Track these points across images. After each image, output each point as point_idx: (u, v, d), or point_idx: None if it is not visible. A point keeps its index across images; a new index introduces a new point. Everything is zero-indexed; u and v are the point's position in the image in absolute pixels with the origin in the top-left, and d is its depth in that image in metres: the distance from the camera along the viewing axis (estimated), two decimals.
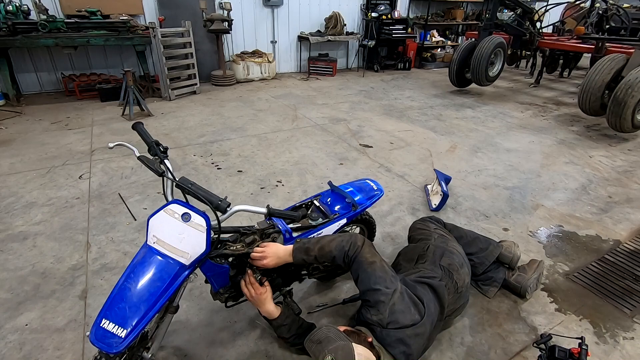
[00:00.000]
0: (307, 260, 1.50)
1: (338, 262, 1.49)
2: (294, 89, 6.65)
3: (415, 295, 1.49)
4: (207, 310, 2.01)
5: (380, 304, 1.39)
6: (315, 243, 1.52)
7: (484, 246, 2.11)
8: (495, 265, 2.15)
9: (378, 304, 1.39)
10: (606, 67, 4.56)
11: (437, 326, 1.56)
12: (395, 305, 1.39)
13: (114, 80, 5.80)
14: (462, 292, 1.76)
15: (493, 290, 2.12)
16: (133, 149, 1.55)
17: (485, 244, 2.13)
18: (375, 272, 1.43)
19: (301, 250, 1.51)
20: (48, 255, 2.38)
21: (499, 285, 2.13)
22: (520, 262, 2.25)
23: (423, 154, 4.07)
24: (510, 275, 2.14)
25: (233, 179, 3.42)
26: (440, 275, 1.69)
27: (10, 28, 4.78)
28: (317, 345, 1.27)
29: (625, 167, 3.89)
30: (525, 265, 2.20)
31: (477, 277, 2.11)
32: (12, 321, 1.91)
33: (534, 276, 2.13)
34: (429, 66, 8.97)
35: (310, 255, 1.50)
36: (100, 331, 1.17)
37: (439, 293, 1.58)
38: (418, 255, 1.87)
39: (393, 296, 1.40)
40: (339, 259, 1.48)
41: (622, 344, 1.90)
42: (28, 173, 3.40)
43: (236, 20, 6.75)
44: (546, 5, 7.12)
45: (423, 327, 1.42)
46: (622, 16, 6.77)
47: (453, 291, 1.70)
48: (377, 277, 1.42)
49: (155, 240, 1.30)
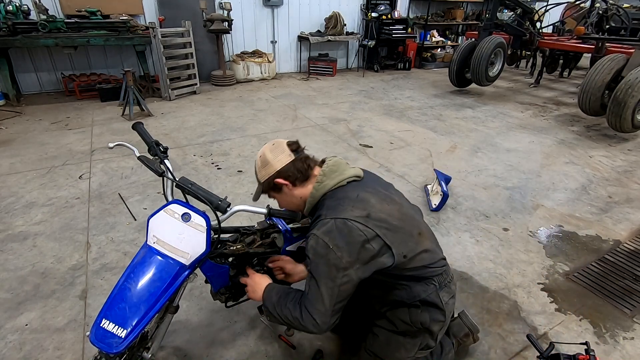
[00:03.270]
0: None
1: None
2: (294, 89, 6.65)
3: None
4: (207, 310, 2.01)
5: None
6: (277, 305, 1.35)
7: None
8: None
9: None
10: (606, 67, 4.56)
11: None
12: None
13: (114, 80, 5.80)
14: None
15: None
16: (133, 149, 1.55)
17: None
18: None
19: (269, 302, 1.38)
20: (48, 255, 2.38)
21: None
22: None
23: (423, 154, 4.07)
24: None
25: (233, 179, 3.41)
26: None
27: (10, 28, 4.78)
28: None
29: (625, 167, 3.89)
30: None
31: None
32: (12, 321, 1.91)
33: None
34: (429, 66, 8.96)
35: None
36: (100, 331, 1.17)
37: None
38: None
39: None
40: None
41: (622, 344, 1.90)
42: (28, 173, 3.40)
43: (236, 20, 6.75)
44: (546, 5, 7.13)
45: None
46: (622, 16, 6.77)
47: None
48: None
49: (155, 240, 1.30)
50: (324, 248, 1.20)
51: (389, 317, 1.43)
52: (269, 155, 1.35)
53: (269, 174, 1.34)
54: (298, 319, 1.25)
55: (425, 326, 1.37)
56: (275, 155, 1.34)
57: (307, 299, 1.26)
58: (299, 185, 1.37)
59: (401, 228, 1.30)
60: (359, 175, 1.41)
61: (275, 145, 1.37)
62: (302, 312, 1.25)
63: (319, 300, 1.22)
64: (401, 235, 1.30)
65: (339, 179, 1.35)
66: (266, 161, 1.35)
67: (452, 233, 2.74)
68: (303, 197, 1.38)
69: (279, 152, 1.35)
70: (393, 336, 1.44)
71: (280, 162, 1.33)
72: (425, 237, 1.40)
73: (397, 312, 1.41)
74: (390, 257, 1.26)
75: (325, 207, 1.31)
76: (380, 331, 1.47)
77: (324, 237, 1.21)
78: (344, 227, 1.21)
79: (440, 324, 1.40)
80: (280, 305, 1.32)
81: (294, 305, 1.29)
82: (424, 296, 1.36)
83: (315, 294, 1.23)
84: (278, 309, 1.32)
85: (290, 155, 1.35)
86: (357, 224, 1.22)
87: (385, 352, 1.46)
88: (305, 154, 1.41)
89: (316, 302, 1.23)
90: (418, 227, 1.39)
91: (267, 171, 1.35)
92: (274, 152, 1.35)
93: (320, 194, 1.35)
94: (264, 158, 1.36)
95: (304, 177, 1.36)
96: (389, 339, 1.45)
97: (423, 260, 1.35)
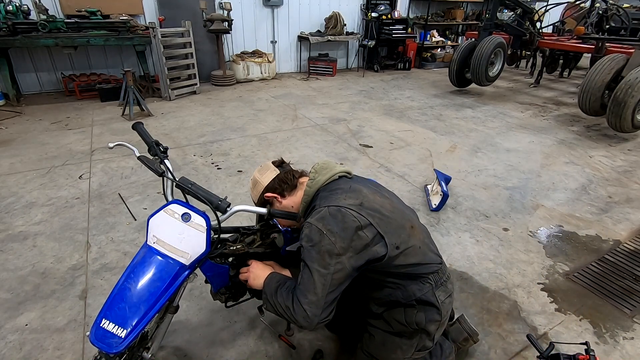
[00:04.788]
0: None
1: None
2: (294, 89, 6.65)
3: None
4: (207, 310, 2.01)
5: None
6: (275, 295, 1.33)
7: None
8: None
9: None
10: (606, 67, 4.56)
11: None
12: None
13: (114, 80, 5.80)
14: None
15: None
16: (133, 149, 1.55)
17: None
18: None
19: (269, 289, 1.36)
20: (48, 255, 2.38)
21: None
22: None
23: (423, 154, 4.07)
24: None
25: (233, 179, 3.41)
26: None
27: (10, 28, 4.78)
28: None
29: (625, 167, 3.89)
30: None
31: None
32: (12, 321, 1.91)
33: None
34: (429, 66, 8.96)
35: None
36: (100, 331, 1.17)
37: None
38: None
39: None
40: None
41: (622, 344, 1.90)
42: (28, 173, 3.40)
43: (236, 20, 6.75)
44: (546, 5, 7.13)
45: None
46: (622, 16, 6.77)
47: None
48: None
49: (155, 240, 1.30)
50: (318, 234, 1.20)
51: (385, 318, 1.43)
52: (257, 175, 1.46)
53: (259, 192, 1.44)
54: (290, 308, 1.25)
55: (421, 327, 1.37)
56: (262, 174, 1.45)
57: (299, 289, 1.25)
58: (288, 195, 1.45)
59: (393, 219, 1.31)
60: (349, 172, 1.48)
61: (262, 166, 1.48)
62: (293, 301, 1.25)
63: (311, 290, 1.21)
64: (394, 226, 1.30)
65: (331, 174, 1.41)
66: (255, 181, 1.46)
67: (452, 233, 2.74)
68: (295, 205, 1.44)
69: (265, 170, 1.46)
70: (389, 337, 1.44)
71: (266, 178, 1.43)
72: (417, 231, 1.40)
73: (392, 313, 1.41)
74: (383, 246, 1.26)
75: (319, 198, 1.35)
76: (376, 332, 1.46)
77: (317, 224, 1.22)
78: (338, 213, 1.22)
79: (436, 324, 1.40)
80: (276, 293, 1.32)
81: (287, 294, 1.29)
82: (420, 295, 1.36)
83: (307, 282, 1.22)
84: (274, 297, 1.31)
85: (274, 170, 1.45)
86: (351, 211, 1.23)
87: (381, 353, 1.46)
88: (290, 167, 1.50)
89: (308, 291, 1.22)
90: (410, 221, 1.40)
91: (257, 190, 1.45)
92: (261, 172, 1.46)
93: (314, 190, 1.39)
94: (253, 180, 1.47)
95: (291, 186, 1.44)
96: (385, 339, 1.45)
97: (416, 255, 1.34)
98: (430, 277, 1.38)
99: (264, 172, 1.45)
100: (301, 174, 1.50)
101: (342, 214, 1.22)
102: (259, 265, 1.48)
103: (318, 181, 1.39)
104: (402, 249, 1.30)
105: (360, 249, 1.23)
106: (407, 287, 1.36)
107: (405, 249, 1.31)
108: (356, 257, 1.23)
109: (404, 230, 1.33)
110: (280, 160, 1.51)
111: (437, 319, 1.38)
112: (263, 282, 1.39)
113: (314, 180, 1.40)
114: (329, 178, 1.39)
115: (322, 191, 1.37)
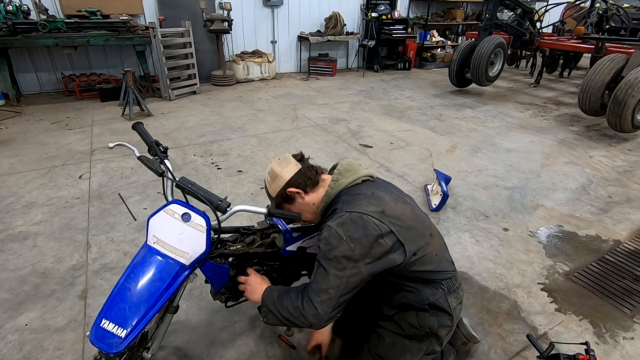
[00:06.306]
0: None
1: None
2: (294, 89, 6.65)
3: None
4: (207, 310, 2.01)
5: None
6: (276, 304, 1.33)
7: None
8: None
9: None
10: (606, 67, 4.56)
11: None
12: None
13: (114, 80, 5.80)
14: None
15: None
16: (133, 149, 1.54)
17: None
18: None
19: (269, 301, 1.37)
20: (48, 255, 2.38)
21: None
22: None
23: (423, 154, 4.07)
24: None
25: (233, 179, 3.41)
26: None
27: (10, 28, 4.78)
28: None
29: (625, 167, 3.89)
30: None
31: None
32: (12, 321, 1.91)
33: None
34: (429, 66, 8.96)
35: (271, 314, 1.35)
36: (100, 331, 1.17)
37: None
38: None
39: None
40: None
41: (622, 344, 1.90)
42: (28, 173, 3.40)
43: (236, 20, 6.75)
44: (546, 5, 7.12)
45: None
46: (622, 16, 6.77)
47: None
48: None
49: (155, 240, 1.30)
50: (337, 239, 1.20)
51: (396, 320, 1.42)
52: (277, 168, 1.38)
53: (279, 186, 1.37)
54: (299, 308, 1.25)
55: (433, 331, 1.37)
56: (282, 168, 1.38)
57: (311, 288, 1.25)
58: (310, 192, 1.40)
59: (414, 227, 1.31)
60: (372, 176, 1.44)
61: (282, 159, 1.41)
62: (304, 300, 1.25)
63: (325, 290, 1.21)
64: (414, 234, 1.30)
65: (355, 177, 1.38)
66: (275, 175, 1.38)
67: (452, 233, 2.74)
68: (316, 202, 1.40)
69: (286, 164, 1.39)
70: (399, 339, 1.43)
71: (288, 172, 1.37)
72: (435, 239, 1.41)
73: (405, 315, 1.40)
74: (402, 254, 1.26)
75: (341, 201, 1.32)
76: (386, 333, 1.46)
77: (337, 229, 1.21)
78: (360, 220, 1.22)
79: (447, 329, 1.40)
80: (281, 299, 1.31)
81: (296, 295, 1.29)
82: (433, 300, 1.36)
83: (321, 282, 1.22)
84: (278, 303, 1.31)
85: (296, 164, 1.39)
86: (373, 218, 1.22)
87: (390, 354, 1.45)
88: (309, 163, 1.45)
89: (321, 291, 1.22)
90: (429, 228, 1.40)
91: (277, 184, 1.38)
92: (281, 165, 1.39)
93: (336, 192, 1.37)
94: (272, 173, 1.39)
95: (314, 182, 1.40)
96: (395, 341, 1.44)
97: (432, 262, 1.34)
98: (443, 283, 1.38)
99: (284, 165, 1.39)
100: (322, 170, 1.46)
101: (364, 221, 1.21)
102: (257, 280, 1.47)
103: (341, 183, 1.37)
104: (419, 256, 1.30)
105: (378, 256, 1.23)
106: (420, 291, 1.36)
107: (422, 256, 1.31)
108: (374, 263, 1.23)
109: (423, 239, 1.33)
110: (301, 154, 1.46)
111: (448, 324, 1.39)
112: (260, 296, 1.39)
113: (337, 182, 1.37)
114: (352, 181, 1.37)
115: (344, 194, 1.35)
